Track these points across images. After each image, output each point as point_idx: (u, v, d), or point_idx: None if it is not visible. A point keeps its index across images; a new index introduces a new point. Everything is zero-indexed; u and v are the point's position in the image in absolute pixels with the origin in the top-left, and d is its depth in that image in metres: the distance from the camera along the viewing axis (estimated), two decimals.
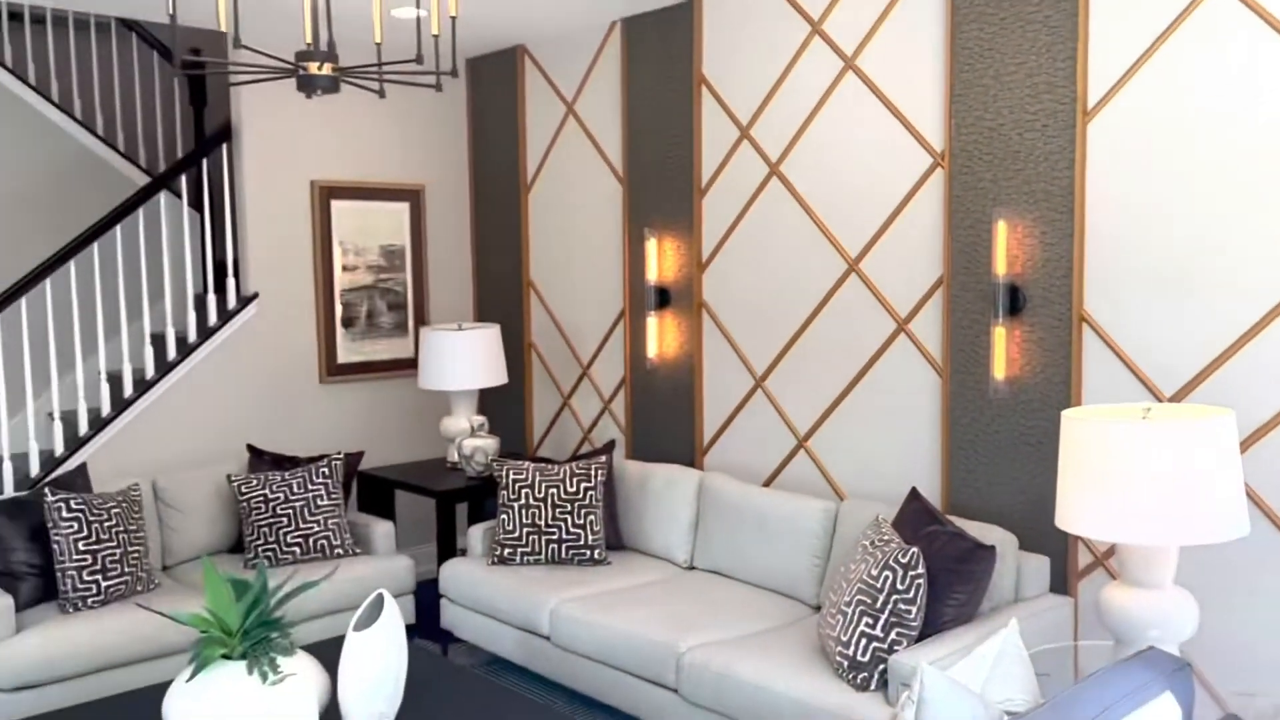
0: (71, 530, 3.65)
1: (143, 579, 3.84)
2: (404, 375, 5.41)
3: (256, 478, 4.26)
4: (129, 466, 4.52)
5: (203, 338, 4.76)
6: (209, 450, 4.75)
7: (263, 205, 4.93)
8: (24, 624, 3.53)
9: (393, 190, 5.35)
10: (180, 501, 4.29)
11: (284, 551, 4.17)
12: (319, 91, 2.65)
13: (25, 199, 5.16)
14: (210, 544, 4.36)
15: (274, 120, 4.93)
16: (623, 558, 4.19)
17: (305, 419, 5.08)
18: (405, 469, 4.99)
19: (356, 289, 5.26)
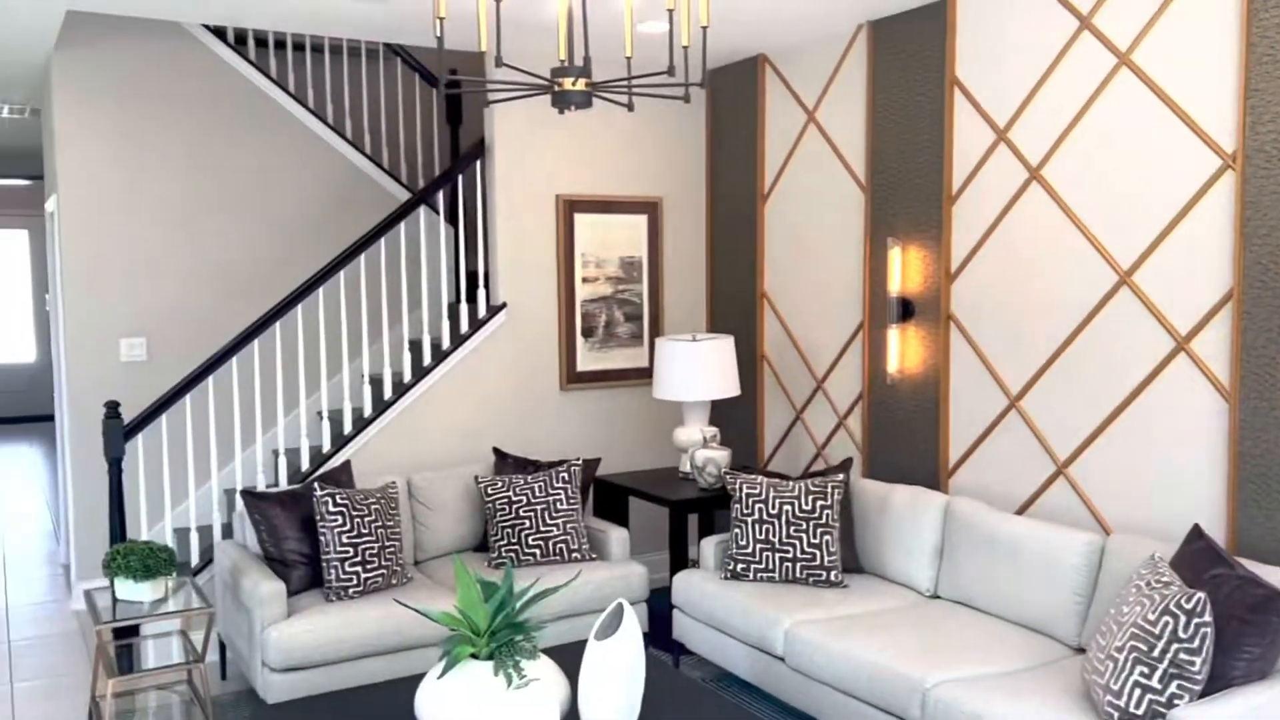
0: (336, 523, 3.91)
1: (397, 573, 4.06)
2: (639, 384, 5.48)
3: (501, 480, 4.42)
4: (386, 464, 4.81)
5: (455, 344, 4.99)
6: (458, 451, 4.98)
7: (511, 219, 5.13)
8: (294, 609, 3.80)
9: (632, 203, 5.43)
10: (432, 499, 4.51)
11: (525, 553, 4.30)
12: (572, 107, 2.69)
13: (303, 213, 5.61)
14: (457, 542, 4.55)
15: (523, 137, 5.11)
16: (860, 581, 4.04)
17: (546, 424, 5.23)
18: (639, 477, 5.03)
19: (596, 299, 5.37)
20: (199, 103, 5.31)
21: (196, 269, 5.36)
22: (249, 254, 5.48)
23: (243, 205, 5.45)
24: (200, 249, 5.36)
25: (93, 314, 5.15)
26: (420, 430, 4.89)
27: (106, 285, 5.16)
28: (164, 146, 5.25)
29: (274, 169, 5.51)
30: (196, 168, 5.33)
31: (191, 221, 5.33)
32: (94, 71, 5.06)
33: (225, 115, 5.38)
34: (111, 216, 5.16)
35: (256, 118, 5.46)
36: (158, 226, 5.26)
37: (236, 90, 5.40)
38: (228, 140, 5.40)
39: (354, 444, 4.74)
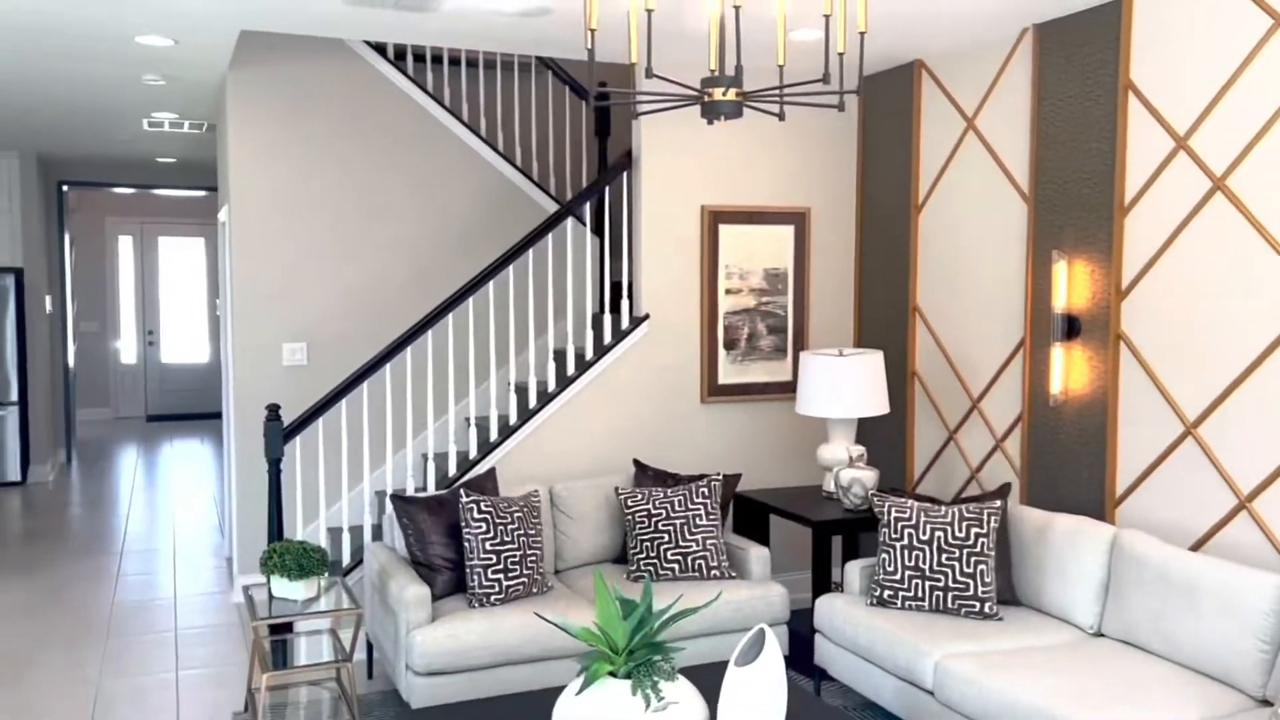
0: (480, 530, 3.95)
1: (538, 581, 4.08)
2: (782, 399, 5.37)
3: (641, 492, 4.39)
4: (529, 472, 4.85)
5: (598, 355, 5.00)
6: (598, 461, 4.98)
7: (656, 230, 5.11)
8: (437, 613, 3.86)
9: (778, 214, 5.33)
10: (572, 509, 4.52)
11: (664, 567, 4.25)
12: (722, 118, 2.63)
13: (457, 225, 5.74)
14: (597, 552, 4.55)
15: (669, 149, 5.09)
16: (1016, 614, 3.82)
17: (686, 437, 5.18)
18: (781, 494, 4.92)
19: (739, 311, 5.30)
20: (360, 117, 5.50)
21: (355, 278, 5.54)
22: (405, 264, 5.64)
23: (399, 217, 5.61)
24: (359, 259, 5.55)
25: (258, 319, 5.39)
26: (562, 439, 4.92)
27: (271, 292, 5.39)
28: (327, 159, 5.46)
29: (429, 181, 5.66)
30: (357, 180, 5.52)
31: (351, 232, 5.53)
32: (264, 88, 5.31)
33: (385, 129, 5.56)
34: (278, 226, 5.39)
35: (414, 131, 5.62)
36: (320, 236, 5.47)
37: (396, 105, 5.57)
38: (387, 153, 5.57)
39: (498, 451, 4.81)
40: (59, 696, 4.24)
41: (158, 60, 5.11)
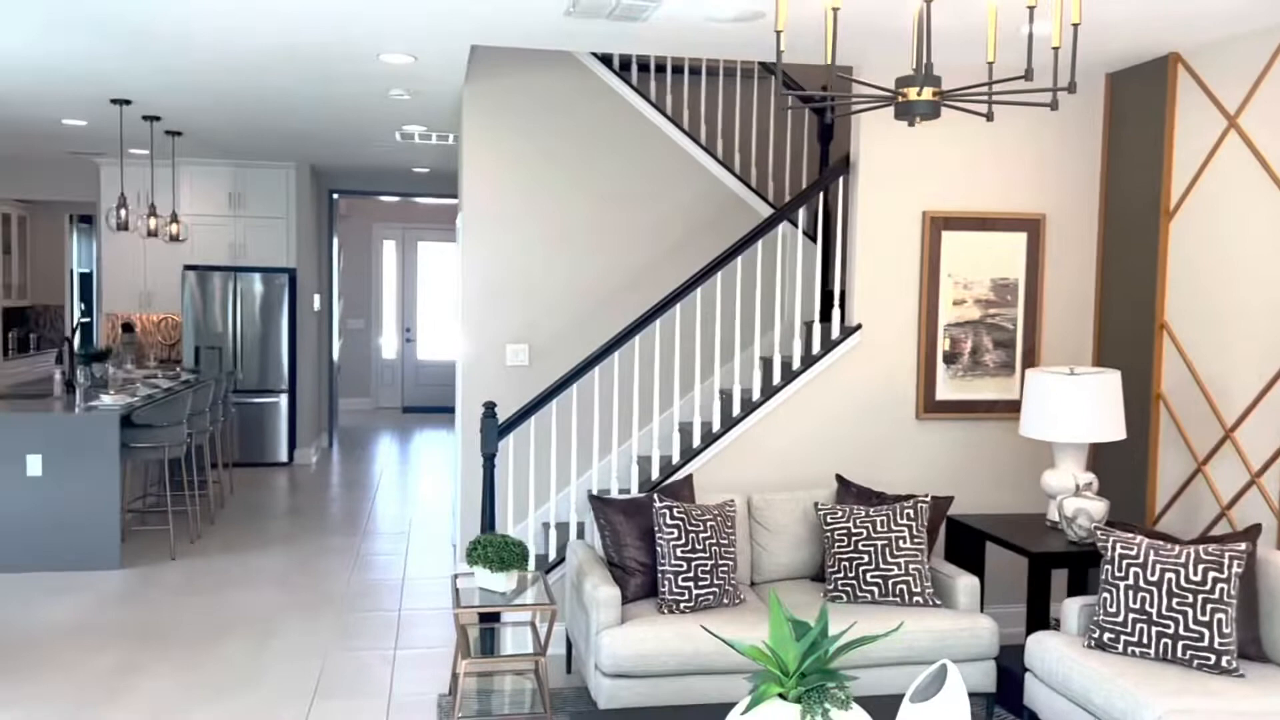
0: (672, 536, 3.95)
1: (729, 592, 4.02)
2: (1006, 418, 5.04)
3: (842, 509, 4.24)
4: (729, 481, 4.81)
5: (805, 365, 4.89)
6: (799, 475, 4.86)
7: (873, 236, 4.93)
8: (627, 616, 3.89)
9: (1009, 220, 5.01)
10: (771, 521, 4.44)
11: (862, 589, 4.09)
12: (918, 119, 2.49)
13: (675, 232, 5.78)
14: (794, 567, 4.44)
15: (890, 151, 4.90)
16: (1261, 672, 3.38)
17: (896, 455, 4.96)
18: (998, 521, 4.61)
19: (962, 324, 5.02)
20: (586, 126, 5.66)
21: (575, 283, 5.70)
22: (623, 270, 5.75)
23: (619, 224, 5.72)
24: (579, 265, 5.71)
25: (485, 320, 5.66)
26: (764, 450, 4.84)
27: (497, 295, 5.64)
28: (553, 167, 5.65)
29: (649, 188, 5.74)
30: (580, 187, 5.68)
31: (573, 239, 5.69)
32: (497, 100, 5.57)
33: (608, 137, 5.69)
34: (505, 232, 5.63)
35: (636, 139, 5.71)
36: (544, 242, 5.67)
37: (619, 113, 5.68)
38: (609, 161, 5.70)
39: (700, 458, 4.80)
40: (290, 661, 4.62)
41: (402, 76, 5.48)
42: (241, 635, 4.95)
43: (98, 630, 4.96)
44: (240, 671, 4.49)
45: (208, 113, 6.73)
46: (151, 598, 5.49)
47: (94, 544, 5.94)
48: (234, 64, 5.25)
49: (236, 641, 4.86)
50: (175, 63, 5.25)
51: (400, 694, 4.29)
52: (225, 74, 5.50)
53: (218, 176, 9.48)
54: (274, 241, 9.61)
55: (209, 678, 4.40)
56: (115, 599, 5.45)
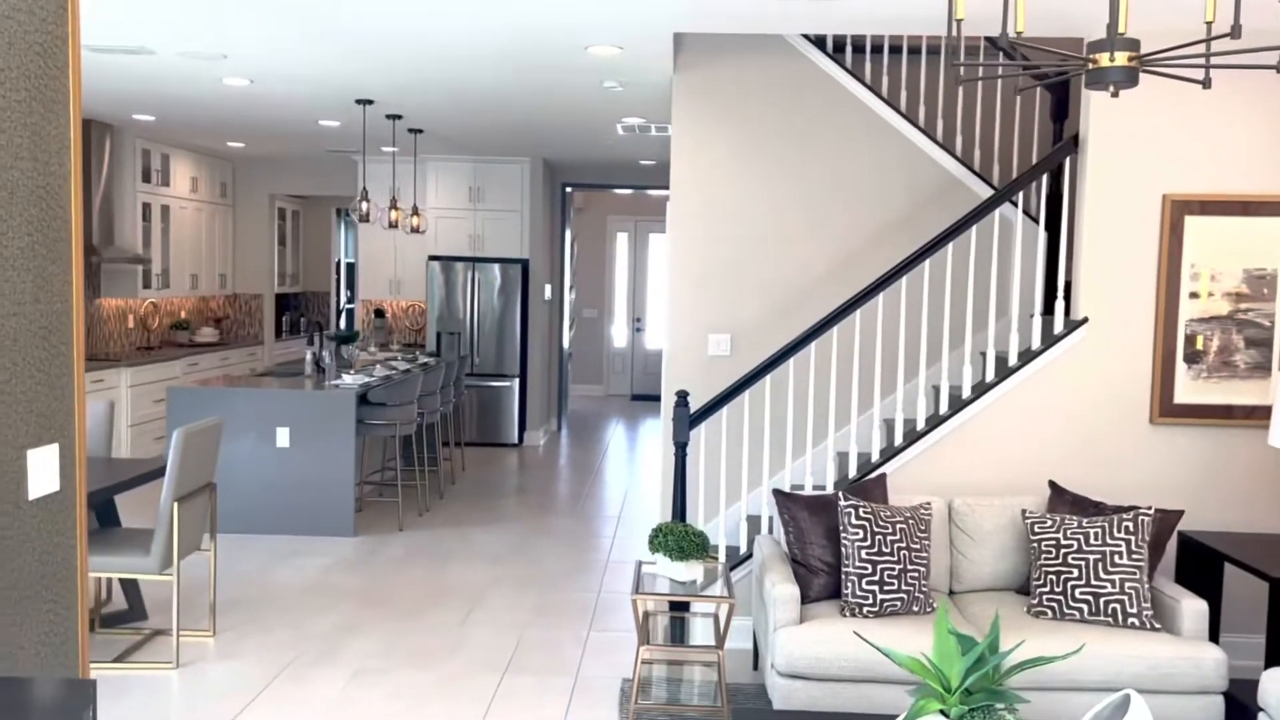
0: (857, 537, 3.79)
1: (919, 600, 3.81)
2: (1258, 426, 4.47)
3: (1052, 518, 3.91)
4: (928, 483, 4.55)
5: (1023, 361, 4.55)
6: (1008, 479, 4.53)
7: (1103, 222, 4.51)
8: (807, 616, 3.77)
9: (1268, 204, 4.44)
10: (973, 528, 4.16)
11: (1069, 606, 3.75)
12: (1111, 87, 2.23)
13: (888, 219, 5.55)
14: (997, 578, 4.14)
15: (1124, 127, 4.46)
16: None
17: (1124, 462, 4.52)
18: (1240, 540, 4.10)
19: (1206, 319, 4.50)
20: (796, 110, 5.52)
21: (781, 274, 5.59)
22: (833, 260, 5.58)
23: (829, 211, 5.56)
24: (786, 255, 5.59)
25: (690, 310, 5.65)
26: (972, 451, 4.55)
27: (703, 284, 5.62)
28: (761, 154, 5.56)
29: (860, 173, 5.53)
30: (787, 174, 5.56)
31: (780, 227, 5.58)
32: (706, 88, 5.54)
33: (819, 121, 5.53)
34: (711, 221, 5.60)
35: (848, 122, 5.52)
36: (750, 231, 5.59)
37: (831, 96, 5.51)
38: (819, 145, 5.54)
39: (901, 457, 4.57)
40: (490, 633, 4.82)
41: (612, 68, 5.56)
42: (450, 606, 5.21)
43: (324, 592, 5.38)
44: (443, 640, 4.73)
45: (439, 110, 7.12)
46: (375, 565, 5.89)
47: (331, 512, 6.45)
48: (454, 61, 5.51)
49: (444, 611, 5.12)
50: (403, 62, 5.59)
51: (587, 675, 4.38)
52: (449, 71, 5.80)
53: (459, 172, 10.03)
54: (509, 233, 10.07)
55: (414, 643, 4.67)
56: (344, 564, 5.89)
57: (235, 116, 7.65)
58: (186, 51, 5.41)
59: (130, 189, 8.76)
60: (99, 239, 8.37)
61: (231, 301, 11.11)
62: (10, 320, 2.32)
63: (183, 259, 9.73)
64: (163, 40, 5.18)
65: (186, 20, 4.74)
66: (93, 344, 8.72)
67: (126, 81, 6.34)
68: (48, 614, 2.50)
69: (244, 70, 5.88)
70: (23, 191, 2.35)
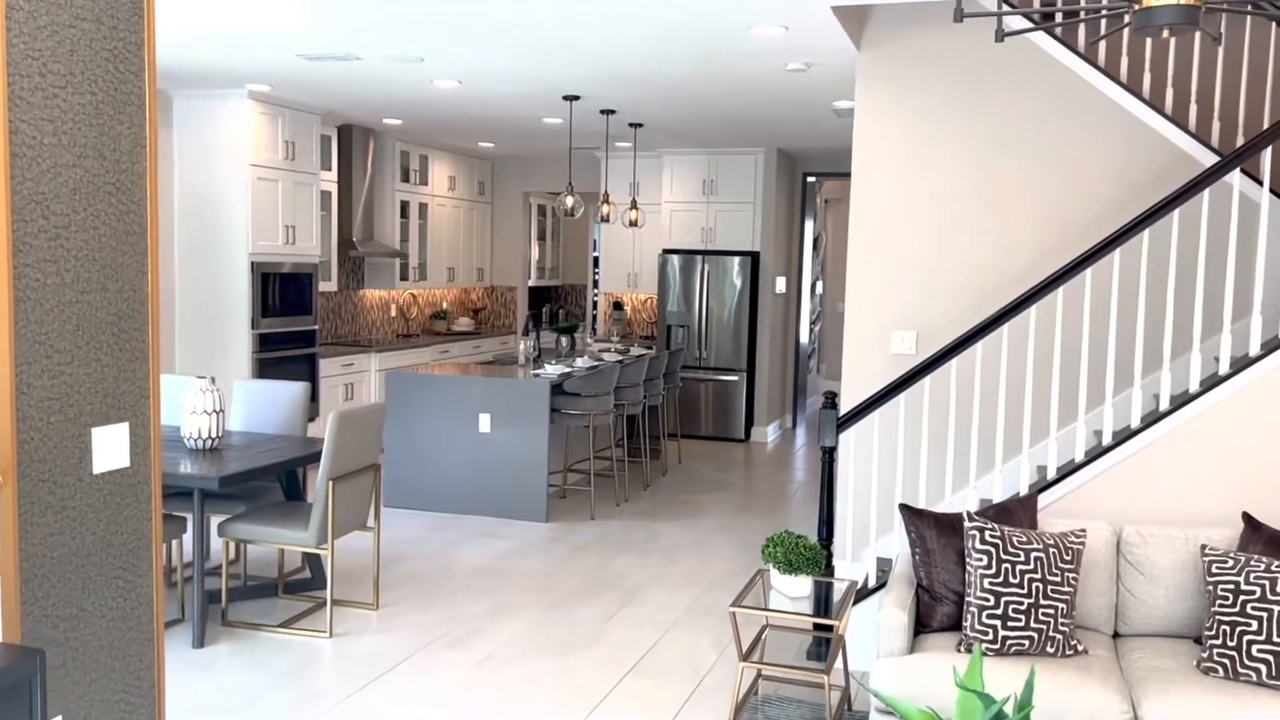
0: (981, 564, 3.35)
1: (1055, 640, 3.31)
2: None
3: (1236, 558, 3.27)
4: (1099, 507, 3.95)
5: (1235, 369, 3.84)
6: (1202, 508, 3.84)
7: None
8: (921, 647, 3.39)
9: None
10: (1143, 562, 3.57)
11: (1245, 665, 3.12)
12: (1164, 32, 1.80)
13: (1100, 205, 4.89)
14: (1172, 622, 3.53)
15: None
16: None
17: None
18: None
19: None
20: (994, 86, 5.00)
21: (973, 266, 5.09)
22: (1029, 250, 5.00)
23: (1028, 200, 4.98)
24: (979, 245, 5.08)
25: (872, 304, 5.28)
26: (1164, 473, 3.89)
27: (886, 277, 5.24)
28: (953, 134, 5.08)
29: (1068, 153, 4.91)
30: (984, 155, 5.04)
31: (973, 214, 5.08)
32: (891, 65, 5.14)
33: (1021, 96, 4.96)
34: (897, 208, 5.20)
35: (1055, 96, 4.91)
36: (940, 219, 5.13)
37: (1035, 67, 4.93)
38: (1021, 123, 4.97)
39: (1080, 475, 4.00)
40: (633, 630, 4.75)
41: (785, 48, 5.30)
42: (605, 598, 5.21)
43: (493, 574, 5.56)
44: (584, 632, 4.73)
45: (644, 102, 7.13)
46: (553, 552, 6.01)
47: (525, 497, 6.66)
48: (633, 51, 5.48)
49: (597, 603, 5.13)
50: (589, 56, 5.64)
51: (710, 683, 4.21)
52: (634, 62, 5.78)
53: (694, 164, 10.02)
54: (741, 225, 9.93)
55: (555, 633, 4.70)
56: (523, 549, 6.06)
57: (461, 116, 8.08)
58: (389, 55, 5.76)
59: (390, 188, 9.51)
60: (360, 234, 9.15)
61: (489, 294, 11.79)
62: (72, 308, 2.55)
63: (440, 253, 10.44)
64: (367, 47, 5.55)
65: (388, 24, 5.02)
66: (355, 331, 9.57)
67: (348, 86, 6.87)
68: (115, 580, 2.73)
69: (448, 71, 6.18)
70: (87, 188, 2.57)
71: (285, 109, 7.53)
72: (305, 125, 7.77)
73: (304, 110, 7.72)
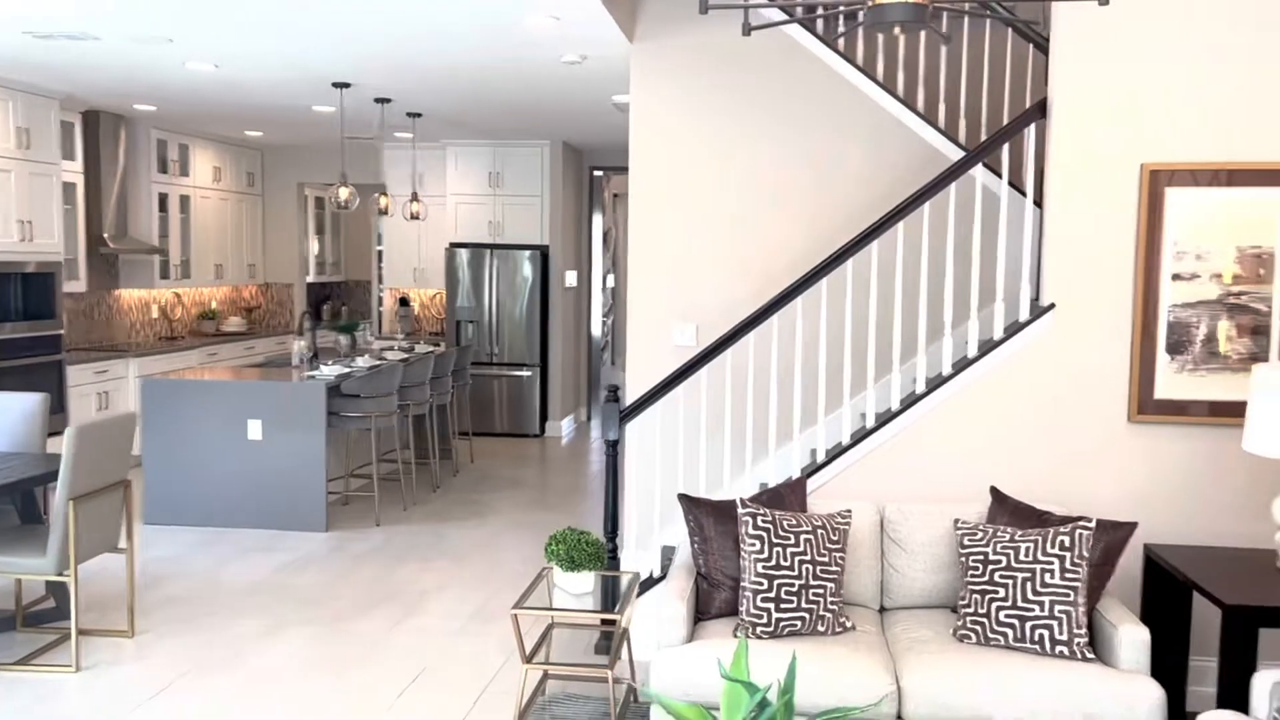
0: (754, 549, 3.42)
1: (825, 619, 3.43)
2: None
3: (985, 530, 3.48)
4: (866, 488, 4.13)
5: (982, 351, 4.09)
6: (962, 486, 4.08)
7: (1072, 196, 4.02)
8: (700, 635, 3.43)
9: (1266, 172, 3.88)
10: (905, 538, 3.75)
11: (993, 631, 3.33)
12: (896, 29, 1.85)
13: (862, 202, 5.11)
14: (932, 594, 3.73)
15: (1097, 90, 3.96)
16: None
17: (1099, 466, 4.03)
18: (1209, 557, 3.60)
19: (1192, 304, 3.97)
20: (763, 84, 5.12)
21: (748, 259, 5.21)
22: (801, 244, 5.17)
23: (800, 193, 5.15)
24: (753, 238, 5.21)
25: (651, 297, 5.31)
26: (923, 453, 4.11)
27: (664, 269, 5.28)
28: (725, 131, 5.17)
29: (834, 151, 5.10)
30: (756, 152, 5.16)
31: (747, 209, 5.20)
32: (664, 60, 5.17)
33: (789, 95, 5.11)
34: (674, 202, 5.25)
35: (820, 95, 5.09)
36: (715, 213, 5.22)
37: (802, 67, 5.09)
38: (789, 122, 5.12)
39: (844, 459, 4.16)
40: (417, 639, 4.59)
41: (559, 40, 5.25)
42: (388, 608, 5.01)
43: (267, 591, 5.24)
44: (365, 645, 4.52)
45: (419, 92, 6.91)
46: (334, 563, 5.74)
47: (302, 507, 6.33)
48: (406, 39, 5.28)
49: (379, 615, 4.93)
50: (356, 39, 5.39)
51: (496, 688, 4.11)
52: (405, 48, 5.57)
53: (479, 157, 9.83)
54: (530, 219, 9.83)
55: (333, 649, 4.48)
56: (301, 562, 5.75)
57: (222, 103, 7.59)
58: (132, 35, 5.30)
59: (145, 179, 8.81)
60: (112, 230, 8.43)
61: (264, 291, 11.17)
62: None
63: (206, 249, 9.78)
64: (105, 25, 5.08)
65: (127, 1, 4.60)
66: (110, 335, 8.82)
67: (88, 69, 6.30)
68: None
69: (202, 54, 5.76)
70: None
71: (16, 92, 6.82)
72: (41, 110, 7.07)
73: (39, 94, 7.02)
